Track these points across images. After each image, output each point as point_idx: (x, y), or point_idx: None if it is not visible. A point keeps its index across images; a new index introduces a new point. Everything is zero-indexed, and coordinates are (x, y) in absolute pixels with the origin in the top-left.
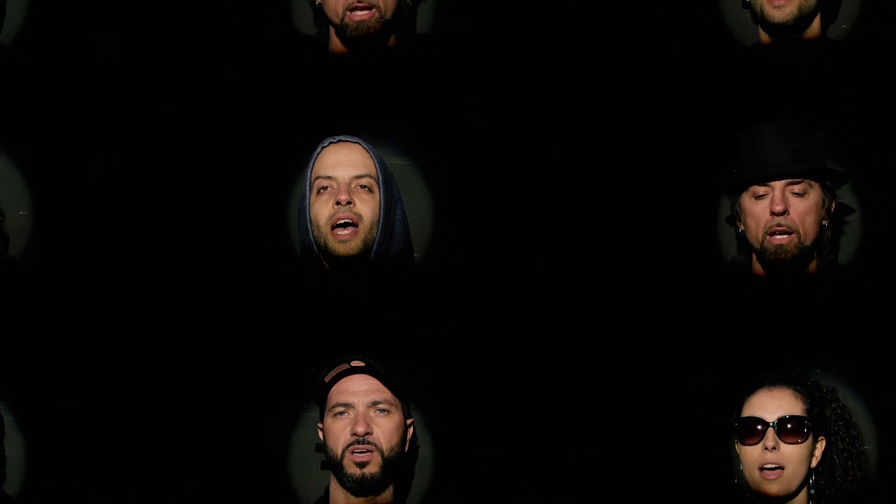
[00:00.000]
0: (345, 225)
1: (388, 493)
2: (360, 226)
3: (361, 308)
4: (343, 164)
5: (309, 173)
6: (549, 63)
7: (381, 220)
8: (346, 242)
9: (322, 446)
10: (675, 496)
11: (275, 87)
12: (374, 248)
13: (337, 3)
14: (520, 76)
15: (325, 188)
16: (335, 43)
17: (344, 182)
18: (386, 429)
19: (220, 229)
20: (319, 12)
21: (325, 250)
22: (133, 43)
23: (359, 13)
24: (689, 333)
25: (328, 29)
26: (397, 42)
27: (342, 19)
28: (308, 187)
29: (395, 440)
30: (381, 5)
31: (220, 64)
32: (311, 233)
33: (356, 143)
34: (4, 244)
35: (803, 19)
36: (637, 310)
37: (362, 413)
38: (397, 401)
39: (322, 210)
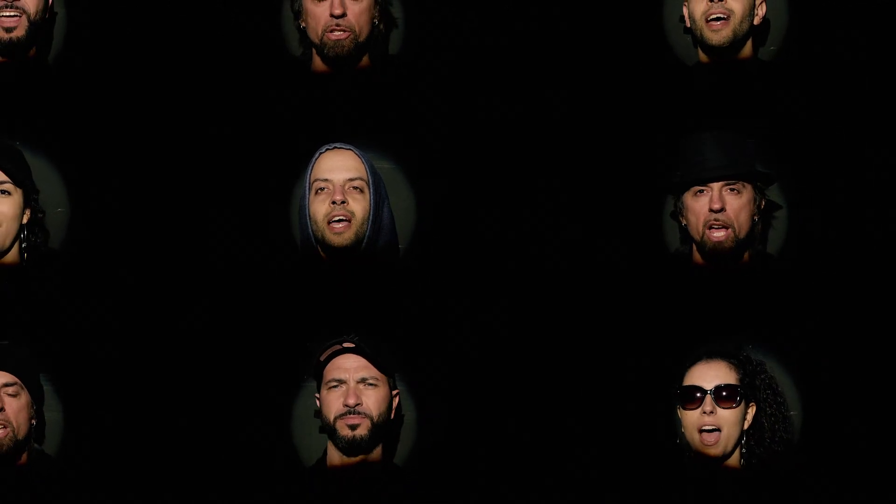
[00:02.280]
0: (339, 220)
1: (376, 453)
2: (353, 221)
3: (354, 291)
4: (338, 168)
5: (308, 176)
6: (511, 78)
7: (371, 217)
8: (340, 234)
9: (319, 413)
10: (627, 454)
11: (271, 101)
12: (365, 240)
13: (317, 25)
14: (478, 90)
15: (322, 189)
16: (317, 62)
17: (339, 184)
18: (374, 399)
19: (232, 224)
20: (304, 34)
21: (321, 242)
22: (150, 65)
23: (335, 33)
24: (638, 313)
25: (311, 50)
26: (371, 61)
27: (321, 39)
28: (307, 188)
29: (382, 408)
30: (357, 29)
31: (229, 82)
32: (309, 227)
33: (349, 149)
34: (46, 238)
35: (737, 42)
36: (595, 292)
37: (353, 387)
38: (383, 376)
39: (319, 208)
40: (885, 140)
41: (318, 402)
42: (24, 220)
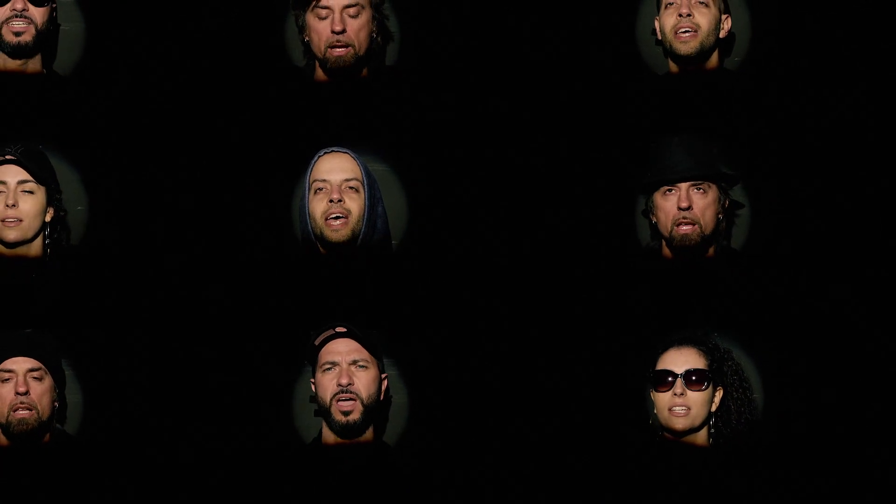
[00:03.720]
0: (336, 218)
1: (368, 433)
2: (349, 218)
3: (349, 283)
4: (335, 169)
5: (307, 177)
6: (496, 88)
7: (366, 214)
8: (337, 231)
9: (314, 398)
10: (603, 433)
11: (276, 107)
12: (360, 236)
13: (320, 41)
14: (466, 98)
15: (320, 189)
16: (319, 72)
17: (336, 184)
18: (364, 380)
19: (239, 221)
20: (307, 48)
21: (320, 237)
22: (165, 77)
23: (337, 50)
24: (613, 303)
25: (314, 61)
26: (369, 73)
27: (324, 54)
28: (307, 188)
29: (372, 389)
30: (356, 44)
31: (238, 90)
32: (308, 224)
33: (346, 153)
34: (68, 234)
35: (704, 53)
36: (573, 283)
37: (345, 368)
38: (373, 359)
39: (318, 206)
40: (838, 143)
41: (313, 387)
42: (48, 218)
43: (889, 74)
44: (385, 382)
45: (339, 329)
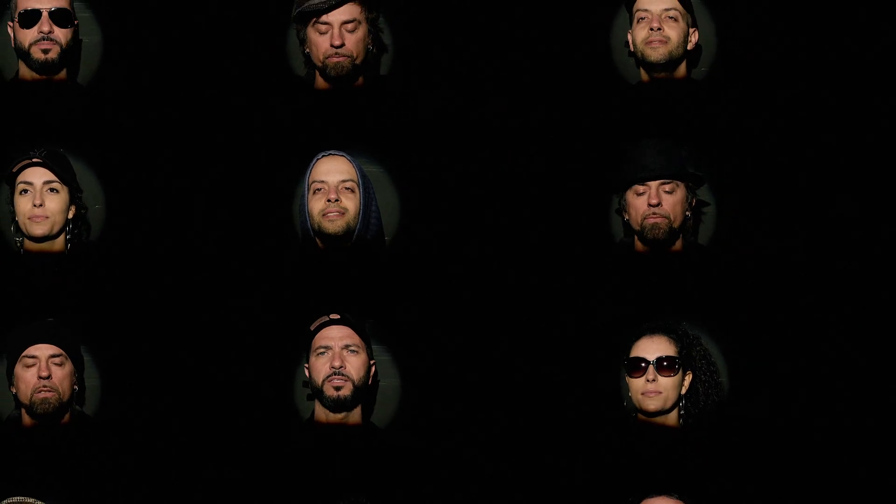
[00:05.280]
0: (333, 215)
1: (356, 413)
2: (345, 215)
3: (345, 276)
4: (333, 171)
5: (307, 178)
6: (482, 96)
7: (361, 212)
8: (333, 222)
9: (308, 382)
10: (580, 415)
11: (278, 113)
12: (356, 233)
13: (319, 52)
14: (454, 105)
15: (319, 189)
16: (319, 81)
17: (333, 184)
18: (355, 364)
19: (244, 218)
20: (308, 60)
21: (318, 233)
22: (178, 88)
23: (335, 59)
24: (589, 293)
25: (314, 71)
26: (364, 82)
27: (323, 63)
28: (306, 188)
29: (362, 372)
30: (353, 54)
31: (244, 97)
32: (308, 221)
33: (342, 155)
34: (88, 231)
35: (673, 62)
36: (552, 276)
37: (338, 352)
38: (364, 344)
39: (316, 205)
40: (795, 145)
41: (306, 373)
42: (70, 215)
43: (840, 81)
44: (373, 368)
45: (333, 316)
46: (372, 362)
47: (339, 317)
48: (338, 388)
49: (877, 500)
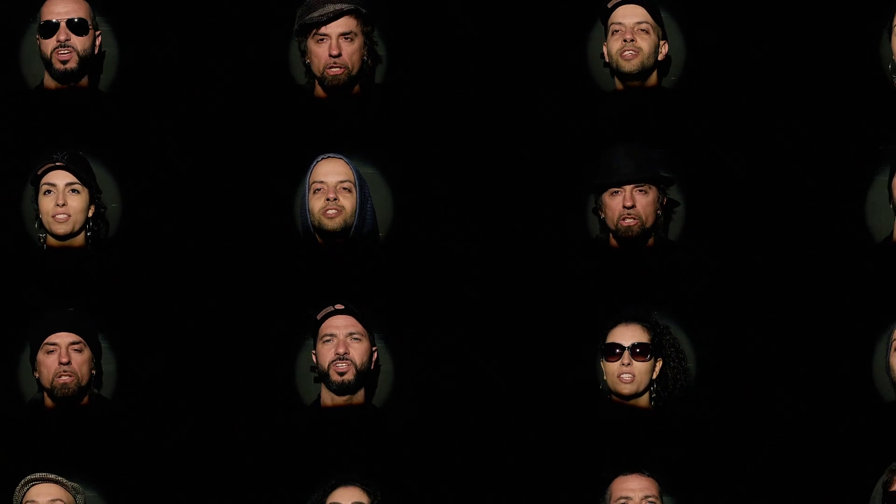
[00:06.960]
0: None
1: (360, 395)
2: (343, 213)
3: (344, 269)
4: (331, 172)
5: (308, 178)
6: (469, 103)
7: (357, 211)
8: (332, 219)
9: (315, 367)
10: (559, 395)
11: (280, 119)
12: (352, 230)
13: (319, 62)
14: (444, 111)
15: (318, 189)
16: (318, 90)
17: (332, 185)
18: (359, 350)
19: (250, 217)
20: (308, 69)
21: (318, 230)
22: (188, 95)
23: (333, 70)
24: (568, 285)
25: (314, 80)
26: (360, 90)
27: (322, 73)
28: (307, 188)
29: (365, 358)
30: (350, 65)
31: (248, 105)
32: (308, 218)
33: (340, 158)
34: (106, 229)
35: (645, 71)
36: (534, 270)
37: (342, 339)
38: (366, 332)
39: (316, 204)
40: (758, 148)
41: (314, 358)
42: (90, 214)
43: (800, 87)
44: (375, 355)
45: (338, 306)
46: (374, 348)
47: (343, 307)
48: (342, 373)
49: (839, 477)
